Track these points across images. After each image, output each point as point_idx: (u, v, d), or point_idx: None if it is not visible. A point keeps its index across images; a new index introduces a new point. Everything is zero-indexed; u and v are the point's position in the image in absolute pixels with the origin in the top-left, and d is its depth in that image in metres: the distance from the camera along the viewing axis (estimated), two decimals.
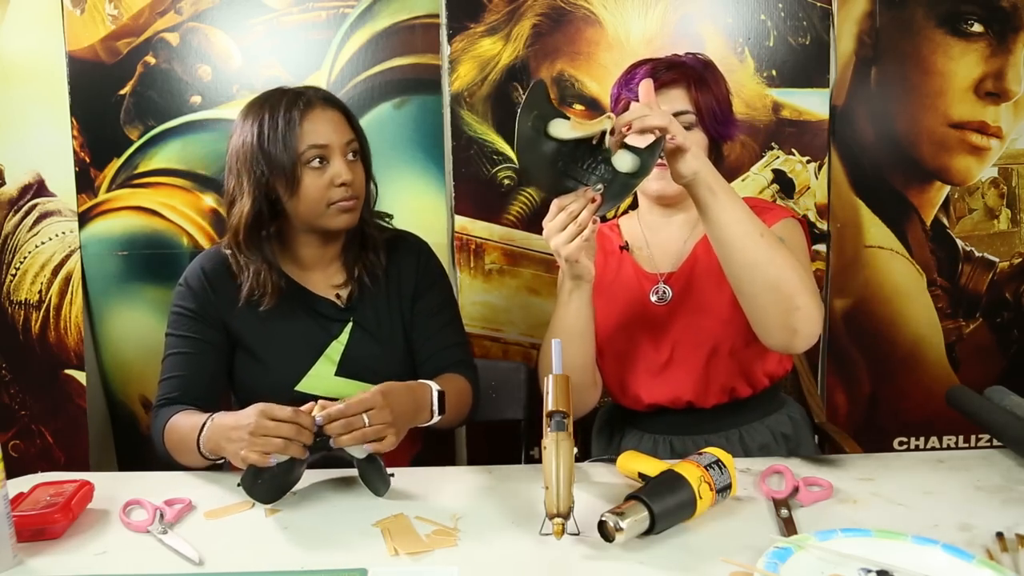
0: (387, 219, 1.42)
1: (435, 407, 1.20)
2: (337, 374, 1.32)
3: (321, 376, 1.31)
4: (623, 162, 1.09)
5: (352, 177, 1.26)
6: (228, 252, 1.32)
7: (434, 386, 1.21)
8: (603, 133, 1.09)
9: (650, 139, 1.11)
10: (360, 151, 1.31)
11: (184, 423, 1.21)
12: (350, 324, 1.34)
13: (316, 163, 1.25)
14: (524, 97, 1.09)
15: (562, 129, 1.08)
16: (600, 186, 1.09)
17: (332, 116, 1.28)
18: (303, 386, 1.30)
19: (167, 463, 1.28)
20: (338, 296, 1.35)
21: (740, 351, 1.27)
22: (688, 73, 1.27)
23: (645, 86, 1.17)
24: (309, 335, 1.32)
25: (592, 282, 1.20)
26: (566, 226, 1.10)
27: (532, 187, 1.18)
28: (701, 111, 1.26)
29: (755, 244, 1.12)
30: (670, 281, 1.33)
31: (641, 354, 1.32)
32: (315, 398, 1.15)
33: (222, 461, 1.21)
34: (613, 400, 1.41)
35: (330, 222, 1.28)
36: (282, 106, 1.26)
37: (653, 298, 1.32)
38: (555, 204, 1.12)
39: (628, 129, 1.09)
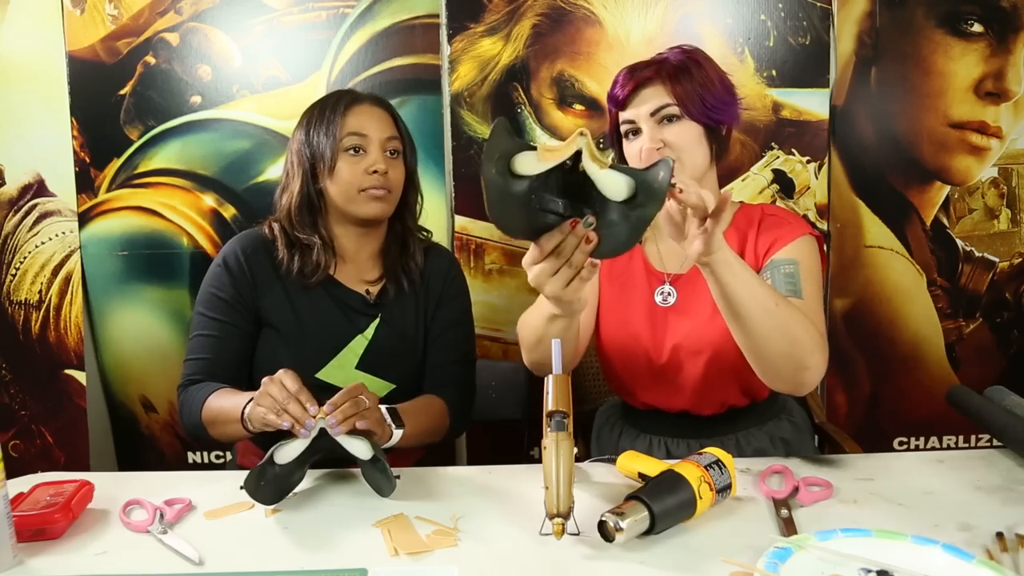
0: (426, 233, 1.46)
1: (388, 419, 1.18)
2: (358, 367, 1.34)
3: (342, 367, 1.33)
4: (612, 187, 0.90)
5: (386, 168, 1.31)
6: (276, 226, 1.36)
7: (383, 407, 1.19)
8: (577, 153, 0.90)
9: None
10: (402, 153, 1.36)
11: (226, 398, 1.25)
12: (377, 320, 1.36)
13: (352, 152, 1.31)
14: (485, 142, 0.89)
15: (528, 163, 0.89)
16: (591, 218, 0.90)
17: (377, 112, 1.34)
18: (323, 374, 1.32)
19: (196, 438, 1.32)
20: (368, 292, 1.38)
21: (740, 362, 1.22)
22: (663, 68, 1.24)
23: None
24: (336, 325, 1.35)
25: (583, 311, 1.12)
26: (558, 270, 0.94)
27: (513, 236, 0.92)
28: (684, 102, 1.23)
29: (770, 316, 1.07)
30: (676, 283, 1.32)
31: (640, 353, 1.31)
32: (334, 388, 1.18)
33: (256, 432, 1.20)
34: (614, 393, 1.41)
35: (361, 209, 1.32)
36: (332, 100, 1.34)
37: (658, 299, 1.31)
38: (537, 246, 0.94)
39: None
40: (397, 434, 1.18)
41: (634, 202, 0.90)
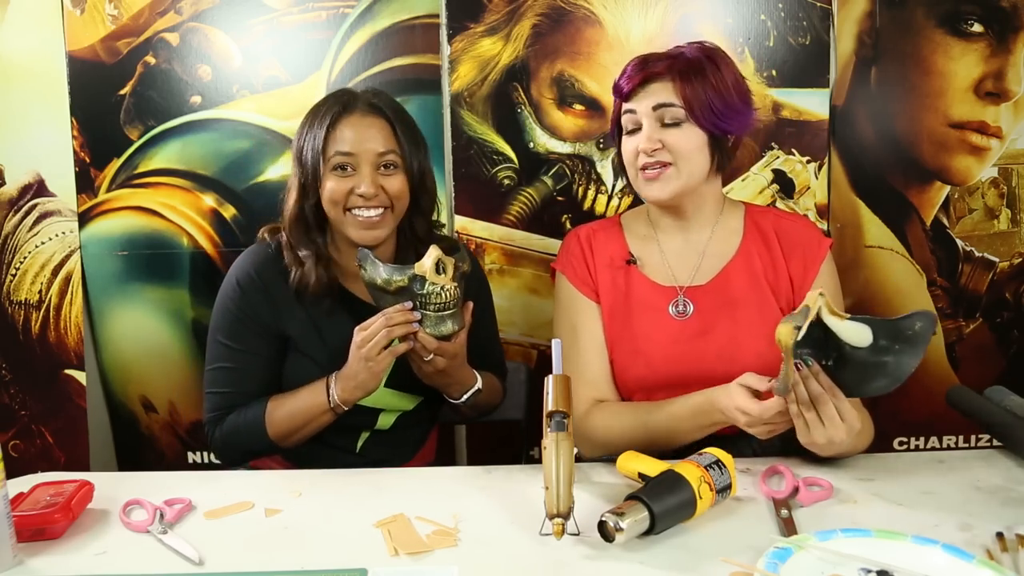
0: (438, 229, 1.41)
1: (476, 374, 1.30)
2: (386, 385, 1.28)
3: None
4: (854, 335, 1.04)
5: (374, 190, 1.23)
6: (283, 242, 1.31)
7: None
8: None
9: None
10: (403, 163, 1.27)
11: (290, 403, 1.26)
12: None
13: (339, 170, 1.24)
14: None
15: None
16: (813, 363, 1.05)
17: (370, 123, 1.25)
18: None
19: (251, 458, 1.34)
20: None
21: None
22: (676, 64, 1.18)
23: None
24: None
25: None
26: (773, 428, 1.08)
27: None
28: (691, 104, 1.17)
29: (854, 444, 1.14)
30: (690, 294, 1.26)
31: (662, 374, 1.24)
32: (362, 408, 1.24)
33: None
34: None
35: (351, 232, 1.26)
36: (325, 107, 1.27)
37: (672, 311, 1.25)
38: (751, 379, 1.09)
39: None
40: (476, 383, 1.30)
41: (878, 346, 1.03)
